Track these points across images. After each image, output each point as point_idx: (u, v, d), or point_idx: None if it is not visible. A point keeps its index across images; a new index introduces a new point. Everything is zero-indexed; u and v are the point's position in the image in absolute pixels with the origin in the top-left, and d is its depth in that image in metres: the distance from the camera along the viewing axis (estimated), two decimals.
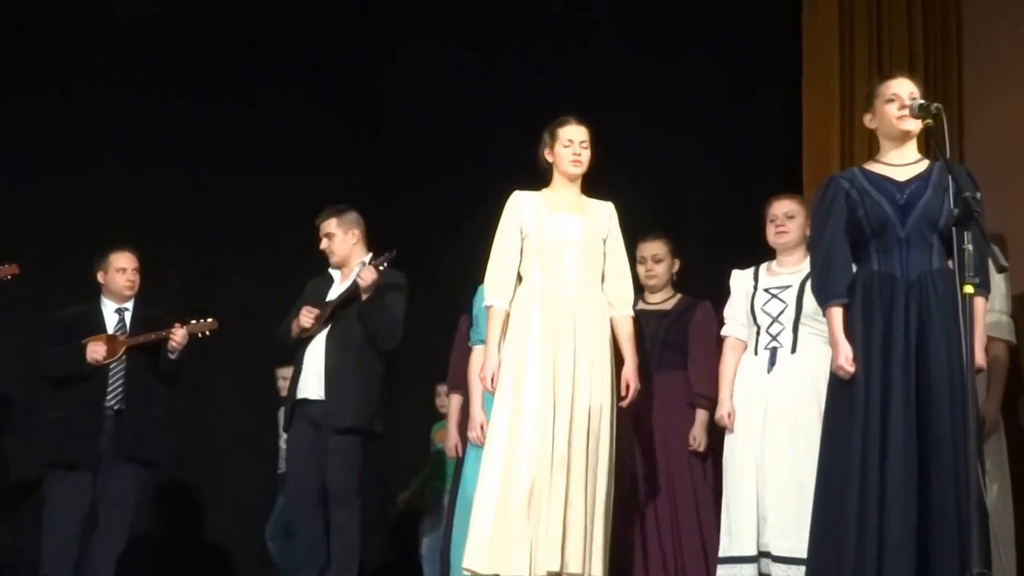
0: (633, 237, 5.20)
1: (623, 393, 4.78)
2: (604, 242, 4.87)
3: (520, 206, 4.86)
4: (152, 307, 5.96)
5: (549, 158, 4.90)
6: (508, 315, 4.77)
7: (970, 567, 3.60)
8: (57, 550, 5.62)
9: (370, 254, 5.69)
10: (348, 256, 5.69)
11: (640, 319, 5.15)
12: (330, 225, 5.70)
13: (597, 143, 4.91)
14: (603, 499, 4.64)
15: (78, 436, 5.63)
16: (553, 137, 4.88)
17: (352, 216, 5.73)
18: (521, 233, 4.83)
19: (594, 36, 7.17)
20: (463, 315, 5.47)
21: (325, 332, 5.60)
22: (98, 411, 5.66)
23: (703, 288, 5.57)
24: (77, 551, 5.68)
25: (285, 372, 7.10)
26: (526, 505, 4.52)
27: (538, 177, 4.99)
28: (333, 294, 5.68)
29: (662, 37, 7.06)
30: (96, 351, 5.65)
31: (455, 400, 5.54)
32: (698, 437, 5.18)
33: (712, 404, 5.11)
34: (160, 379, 5.85)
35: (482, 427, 5.04)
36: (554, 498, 4.53)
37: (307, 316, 5.57)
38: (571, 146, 4.85)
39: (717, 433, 5.16)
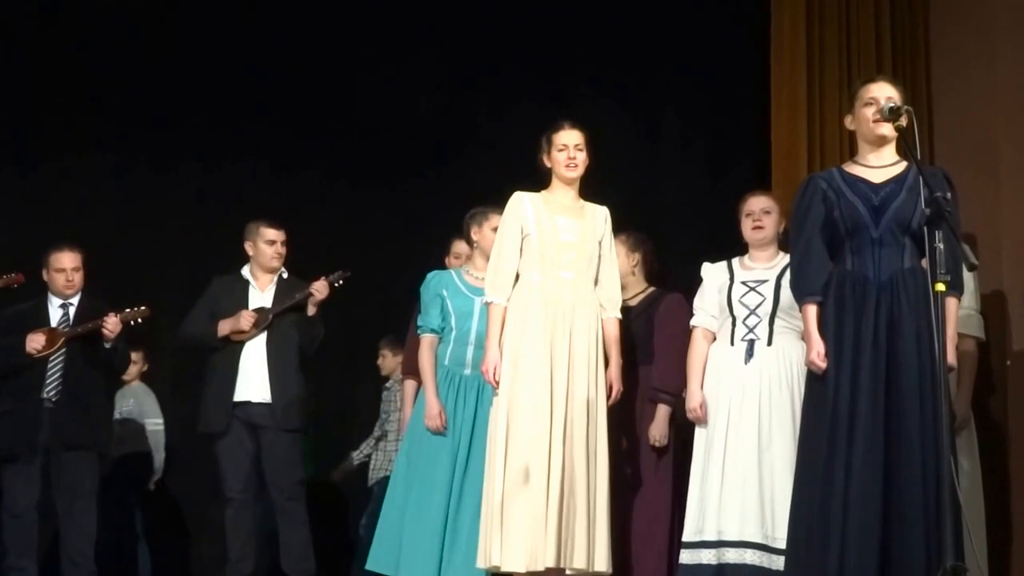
0: None
1: (607, 394, 4.84)
2: (599, 244, 4.94)
3: (522, 206, 4.92)
4: (97, 299, 5.99)
5: (547, 163, 4.97)
6: (506, 311, 4.83)
7: (944, 560, 3.65)
8: (16, 541, 5.71)
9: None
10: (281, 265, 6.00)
11: None
12: (285, 234, 5.94)
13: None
14: (604, 494, 4.70)
15: (18, 428, 5.72)
16: (549, 142, 4.95)
17: None
18: (522, 232, 4.89)
19: (568, 45, 7.20)
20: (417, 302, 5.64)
21: (263, 336, 5.79)
22: (37, 403, 5.73)
23: (677, 284, 5.64)
24: (39, 538, 5.79)
25: (136, 356, 7.05)
26: (523, 501, 4.59)
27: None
28: (257, 300, 5.88)
29: (634, 45, 7.11)
30: (35, 341, 5.74)
31: (410, 385, 5.67)
32: (656, 433, 5.16)
33: (673, 399, 5.16)
34: (100, 369, 5.92)
35: (440, 414, 5.15)
36: (552, 493, 4.59)
37: (248, 320, 5.76)
38: (566, 150, 4.92)
39: (680, 427, 5.21)
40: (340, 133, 7.35)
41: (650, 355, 5.24)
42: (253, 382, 5.77)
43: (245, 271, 5.97)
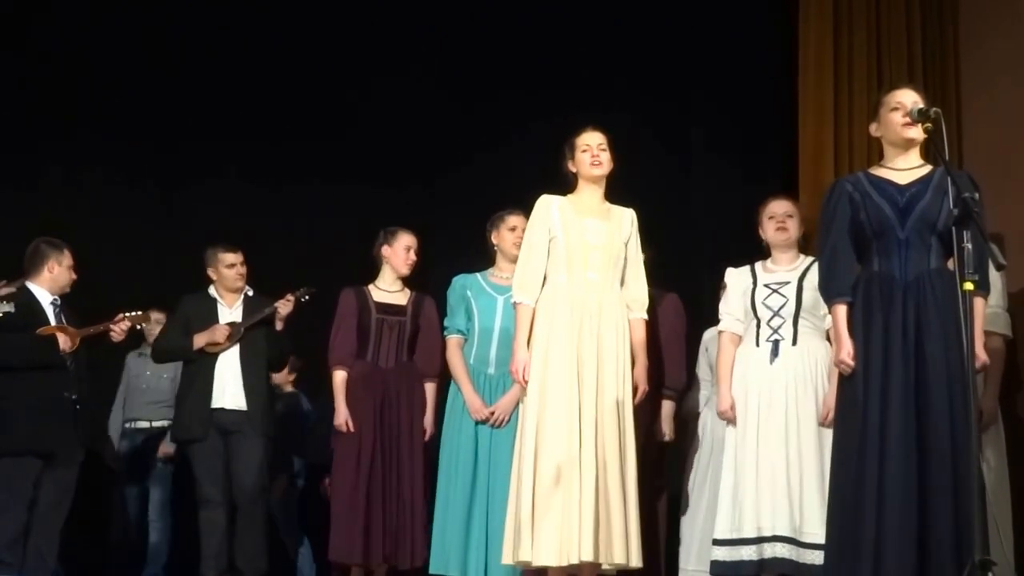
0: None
1: (632, 393, 4.91)
2: (625, 246, 5.02)
3: (549, 209, 4.99)
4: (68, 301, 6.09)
5: (572, 168, 5.04)
6: (535, 312, 4.90)
7: (972, 555, 3.69)
8: (13, 534, 5.72)
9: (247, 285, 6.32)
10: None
11: None
12: (243, 255, 6.27)
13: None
14: (634, 490, 4.77)
15: (56, 425, 5.75)
16: (572, 146, 5.03)
17: None
18: (549, 235, 4.96)
19: (595, 53, 7.30)
20: (344, 291, 5.85)
21: (236, 349, 6.13)
22: (67, 401, 5.82)
23: (704, 285, 5.72)
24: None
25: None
26: (555, 497, 4.65)
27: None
28: (227, 316, 6.21)
29: (662, 55, 7.20)
30: (67, 342, 5.82)
31: (340, 375, 5.79)
32: (667, 429, 5.35)
33: (677, 396, 5.33)
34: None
35: (484, 406, 5.37)
36: (586, 490, 4.64)
37: (223, 332, 6.11)
38: (589, 150, 4.99)
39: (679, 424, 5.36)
40: (348, 142, 7.49)
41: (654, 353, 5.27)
42: (228, 391, 6.10)
43: (212, 290, 6.29)
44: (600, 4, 7.26)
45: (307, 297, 6.23)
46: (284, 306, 6.15)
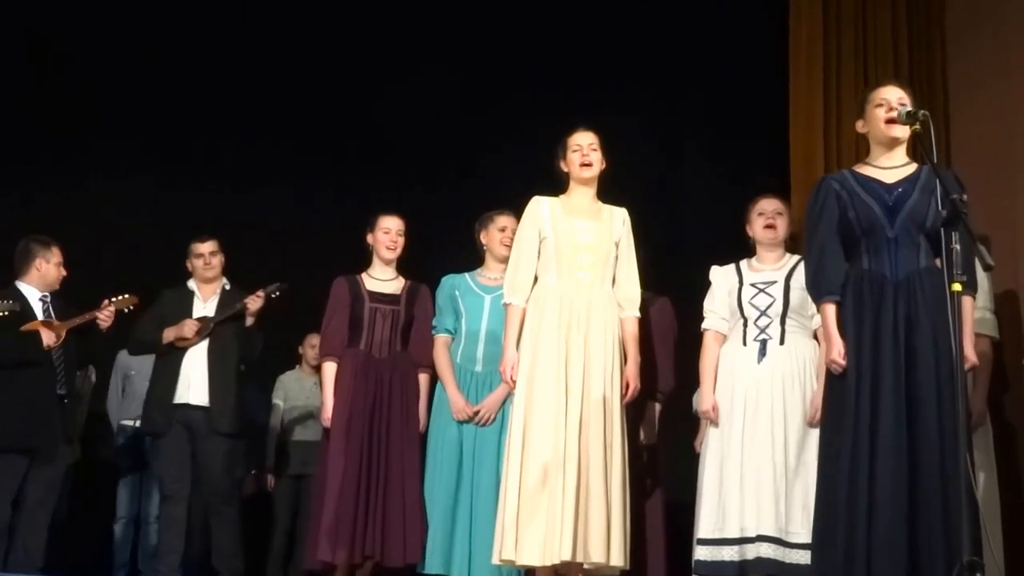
0: None
1: (623, 391, 4.93)
2: (616, 246, 5.04)
3: (539, 210, 5.05)
4: (61, 296, 6.14)
5: (564, 168, 5.10)
6: (525, 312, 4.94)
7: (961, 555, 3.69)
8: None
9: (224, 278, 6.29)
10: (219, 275, 6.29)
11: None
12: (216, 245, 6.28)
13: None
14: (619, 490, 4.78)
15: (42, 423, 5.77)
16: (564, 146, 5.08)
17: None
18: (539, 236, 5.01)
19: (588, 57, 7.31)
20: (337, 280, 5.75)
21: (204, 344, 6.12)
22: (54, 397, 5.85)
23: (693, 286, 5.73)
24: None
25: None
26: (540, 497, 4.68)
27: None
28: (200, 309, 6.22)
29: (655, 57, 7.21)
30: (50, 337, 5.82)
31: (329, 367, 5.69)
32: (647, 431, 5.33)
33: (665, 399, 5.33)
34: (82, 361, 6.14)
35: (466, 406, 5.37)
36: (567, 489, 4.67)
37: (191, 328, 6.08)
38: (579, 150, 5.04)
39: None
40: (353, 148, 7.55)
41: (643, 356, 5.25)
42: (192, 386, 6.08)
43: (191, 283, 6.30)
44: (595, 6, 7.27)
45: (277, 293, 6.18)
46: (253, 302, 6.12)
